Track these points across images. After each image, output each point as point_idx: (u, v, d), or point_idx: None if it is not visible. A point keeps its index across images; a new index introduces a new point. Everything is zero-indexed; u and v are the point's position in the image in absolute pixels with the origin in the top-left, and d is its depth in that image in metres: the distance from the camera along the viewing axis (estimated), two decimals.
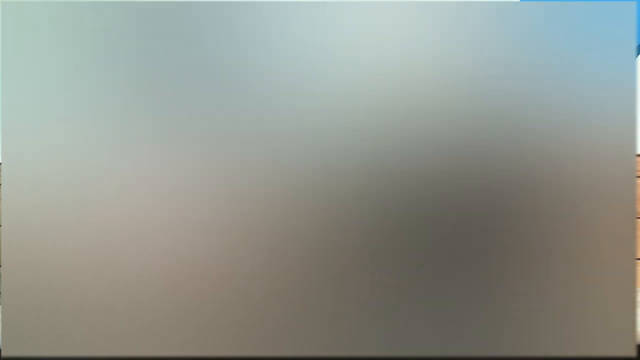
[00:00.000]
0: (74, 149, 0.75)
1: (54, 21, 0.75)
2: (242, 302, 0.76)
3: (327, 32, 0.76)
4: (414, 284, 0.77)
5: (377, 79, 0.76)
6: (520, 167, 0.77)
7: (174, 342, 0.76)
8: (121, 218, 0.76)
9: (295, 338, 0.77)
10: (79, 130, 0.75)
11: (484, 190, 0.77)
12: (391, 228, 0.77)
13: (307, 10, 0.76)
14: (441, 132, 0.76)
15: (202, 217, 0.76)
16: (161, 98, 0.76)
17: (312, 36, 0.76)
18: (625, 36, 0.77)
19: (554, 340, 0.78)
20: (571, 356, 0.78)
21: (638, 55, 1.02)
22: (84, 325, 0.76)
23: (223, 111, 0.76)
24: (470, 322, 0.77)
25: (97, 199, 0.75)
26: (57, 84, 0.75)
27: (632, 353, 0.78)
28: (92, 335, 0.76)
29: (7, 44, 0.75)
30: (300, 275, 0.77)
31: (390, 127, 0.76)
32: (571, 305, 0.77)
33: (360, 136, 0.76)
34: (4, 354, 0.76)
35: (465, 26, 0.77)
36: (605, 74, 0.77)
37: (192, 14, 0.76)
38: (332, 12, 0.76)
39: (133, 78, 0.76)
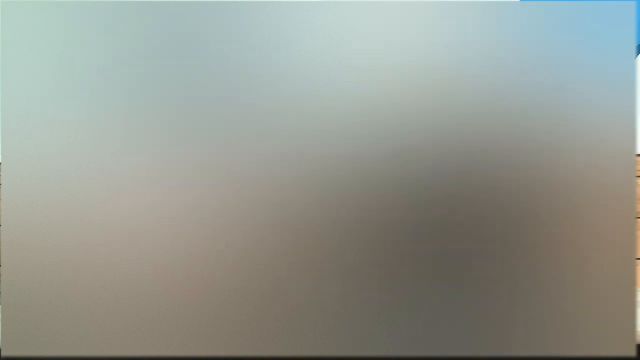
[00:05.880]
0: (73, 148, 0.75)
1: (54, 21, 0.75)
2: (242, 302, 0.76)
3: (327, 32, 0.76)
4: (414, 284, 0.77)
5: (378, 79, 0.76)
6: (520, 167, 0.77)
7: (174, 342, 0.76)
8: (121, 218, 0.76)
9: (295, 338, 0.77)
10: (79, 130, 0.75)
11: (483, 190, 0.77)
12: (392, 228, 0.77)
13: (307, 11, 0.76)
14: (440, 131, 0.76)
15: (202, 216, 0.76)
16: (162, 97, 0.76)
17: (313, 36, 0.76)
18: (625, 36, 0.77)
19: (554, 340, 0.78)
20: (571, 356, 0.78)
21: (638, 55, 1.02)
22: (84, 325, 0.76)
23: (223, 110, 0.76)
24: (470, 322, 0.77)
25: (97, 199, 0.75)
26: (57, 84, 0.75)
27: (632, 353, 0.78)
28: (92, 335, 0.76)
29: (7, 44, 0.75)
30: (300, 275, 0.77)
31: (391, 126, 0.76)
32: (571, 305, 0.77)
33: (361, 136, 0.76)
34: (4, 354, 0.76)
35: (465, 26, 0.77)
36: (605, 74, 0.77)
37: (193, 14, 0.76)
38: (333, 12, 0.76)
39: (133, 77, 0.76)
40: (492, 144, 0.77)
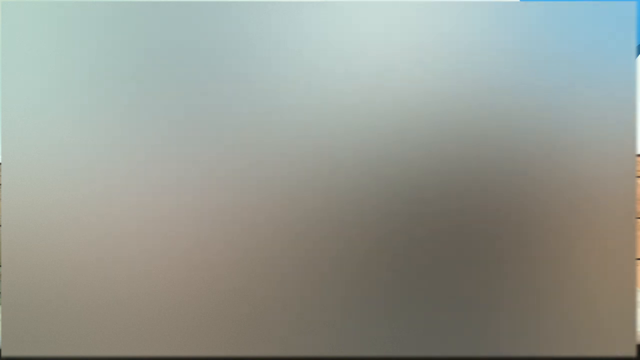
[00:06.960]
0: (73, 148, 0.75)
1: (54, 21, 0.75)
2: (242, 302, 0.76)
3: (328, 32, 0.76)
4: (414, 284, 0.77)
5: (377, 79, 0.76)
6: (520, 167, 0.77)
7: (174, 342, 0.76)
8: (121, 218, 0.76)
9: (295, 338, 0.77)
10: (79, 130, 0.75)
11: (484, 191, 0.77)
12: (392, 228, 0.77)
13: (308, 11, 0.76)
14: (440, 132, 0.76)
15: (202, 216, 0.76)
16: (162, 98, 0.76)
17: (313, 37, 0.76)
18: (625, 36, 0.77)
19: (554, 340, 0.78)
20: (571, 356, 0.78)
21: (638, 55, 1.02)
22: (84, 325, 0.76)
23: (224, 110, 0.76)
24: (470, 322, 0.77)
25: (97, 199, 0.75)
26: (57, 84, 0.75)
27: (632, 353, 0.78)
28: (92, 335, 0.76)
29: (7, 44, 0.75)
30: (300, 275, 0.77)
31: (391, 127, 0.76)
32: (571, 305, 0.77)
33: (361, 137, 0.76)
34: (4, 354, 0.76)
35: (466, 26, 0.77)
36: (605, 74, 0.77)
37: (193, 14, 0.76)
38: (333, 12, 0.76)
39: (133, 78, 0.76)
40: (492, 144, 0.77)
